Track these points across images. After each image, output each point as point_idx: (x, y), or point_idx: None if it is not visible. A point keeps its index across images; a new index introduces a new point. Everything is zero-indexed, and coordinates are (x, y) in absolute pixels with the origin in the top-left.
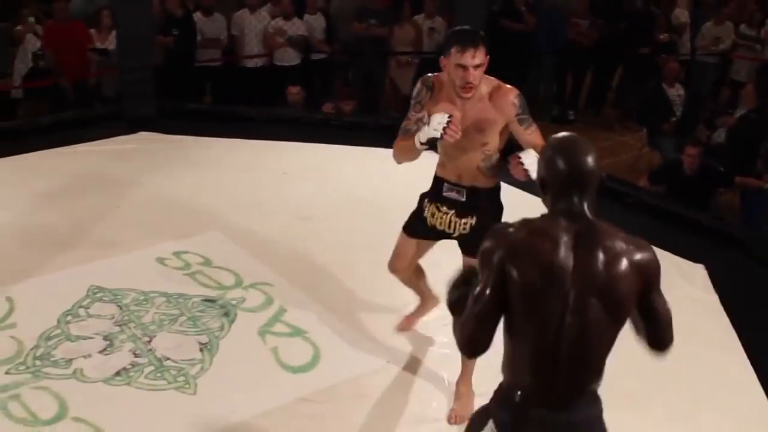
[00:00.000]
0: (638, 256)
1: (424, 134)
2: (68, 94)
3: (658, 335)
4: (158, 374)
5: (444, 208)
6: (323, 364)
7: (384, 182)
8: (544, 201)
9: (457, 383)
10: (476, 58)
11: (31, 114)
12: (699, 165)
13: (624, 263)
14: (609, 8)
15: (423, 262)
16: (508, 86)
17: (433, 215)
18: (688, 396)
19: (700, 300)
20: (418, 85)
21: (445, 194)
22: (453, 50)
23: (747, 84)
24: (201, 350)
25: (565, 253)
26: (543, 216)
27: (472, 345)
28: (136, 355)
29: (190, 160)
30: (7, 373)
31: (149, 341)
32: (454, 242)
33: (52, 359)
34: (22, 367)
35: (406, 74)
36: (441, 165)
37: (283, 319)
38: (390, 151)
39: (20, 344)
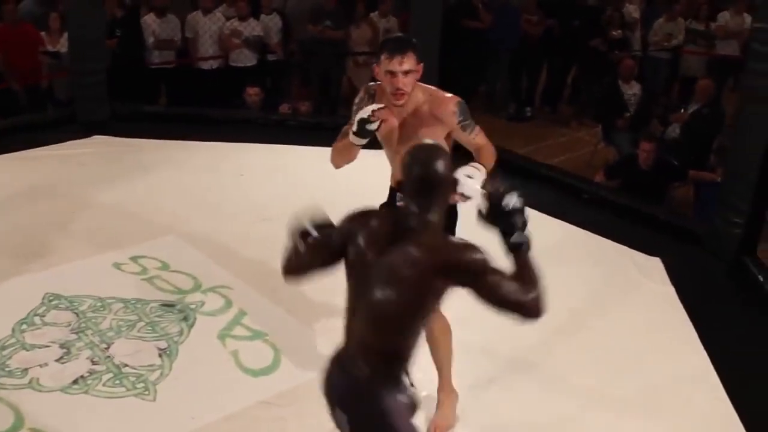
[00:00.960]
0: (445, 258)
1: (356, 118)
2: (20, 97)
3: (509, 315)
4: (117, 381)
5: None
6: (284, 366)
7: (344, 183)
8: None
9: (438, 391)
10: (404, 64)
11: None
12: (654, 160)
13: (424, 264)
14: (561, 5)
15: None
16: (448, 95)
17: None
18: (645, 387)
19: (657, 293)
20: (361, 92)
21: (398, 203)
22: (382, 57)
23: (700, 79)
24: (160, 356)
25: (378, 243)
26: (392, 210)
27: (287, 261)
28: (93, 363)
29: (146, 163)
30: None
31: (107, 348)
32: None
33: (6, 369)
34: None
35: (364, 74)
36: (392, 175)
37: (242, 323)
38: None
39: None
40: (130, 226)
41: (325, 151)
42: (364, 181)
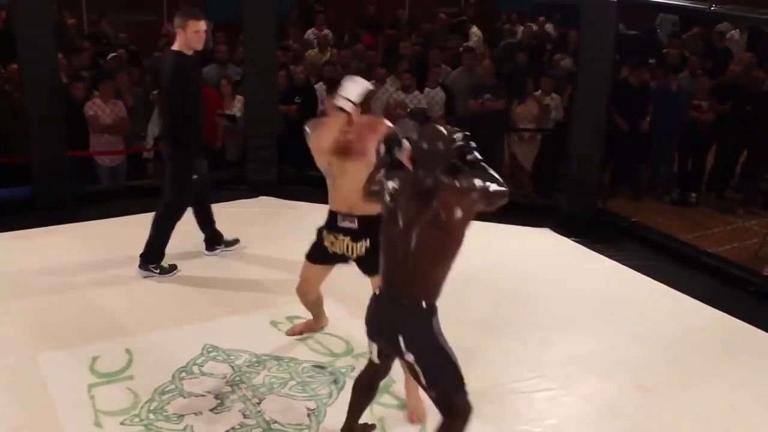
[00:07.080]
0: (455, 192)
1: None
2: None
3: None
4: None
5: (340, 236)
6: None
7: (499, 257)
8: None
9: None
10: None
11: (159, 174)
12: None
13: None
14: (734, 90)
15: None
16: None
17: (332, 243)
18: None
19: None
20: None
21: (339, 224)
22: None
23: None
24: (308, 416)
25: (404, 198)
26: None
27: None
28: (245, 416)
29: (307, 226)
30: (122, 423)
31: (259, 403)
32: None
33: (165, 414)
34: (137, 419)
35: (528, 149)
36: (332, 201)
37: (391, 391)
38: (509, 227)
39: (136, 396)
40: (288, 286)
41: (485, 226)
42: (524, 256)
